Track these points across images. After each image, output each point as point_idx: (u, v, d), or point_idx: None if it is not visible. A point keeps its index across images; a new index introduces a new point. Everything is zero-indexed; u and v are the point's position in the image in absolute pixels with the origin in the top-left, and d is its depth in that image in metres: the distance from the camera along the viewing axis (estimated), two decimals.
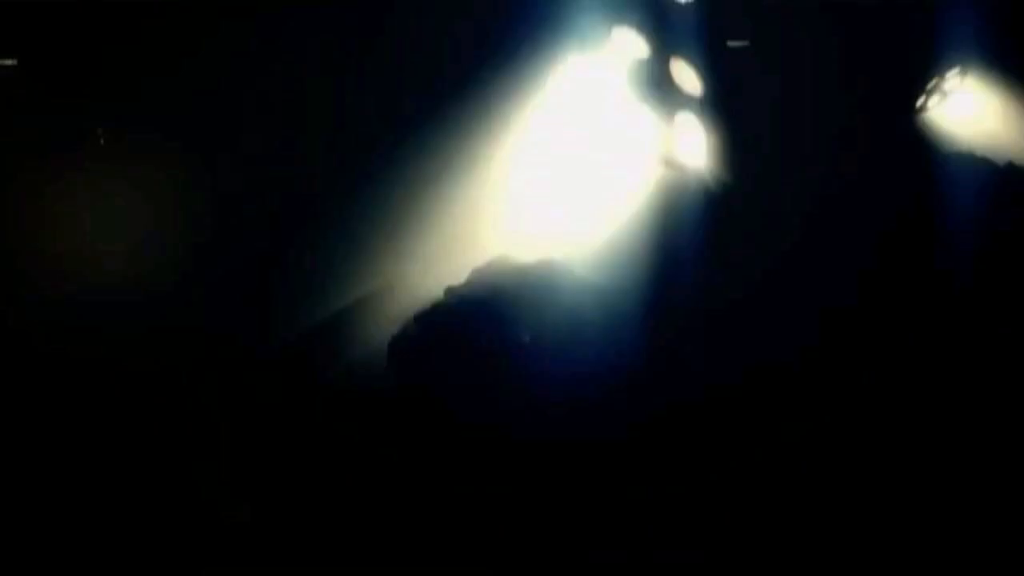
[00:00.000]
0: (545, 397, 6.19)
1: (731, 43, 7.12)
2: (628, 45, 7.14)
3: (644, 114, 7.28)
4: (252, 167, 6.75)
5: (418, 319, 6.74)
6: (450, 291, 6.81)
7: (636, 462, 6.10)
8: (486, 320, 6.56)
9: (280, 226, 6.80)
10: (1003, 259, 7.65)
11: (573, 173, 7.46)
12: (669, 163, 7.42)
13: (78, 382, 6.00)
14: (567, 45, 7.05)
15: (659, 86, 7.10)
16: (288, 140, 6.73)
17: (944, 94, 8.22)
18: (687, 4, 7.06)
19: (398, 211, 6.87)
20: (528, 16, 6.91)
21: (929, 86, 8.13)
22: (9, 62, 6.42)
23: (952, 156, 8.13)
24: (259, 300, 6.67)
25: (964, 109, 8.18)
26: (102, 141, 6.71)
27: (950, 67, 8.15)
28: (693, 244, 7.11)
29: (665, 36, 6.97)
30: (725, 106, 6.90)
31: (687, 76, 6.95)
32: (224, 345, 6.42)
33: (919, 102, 8.14)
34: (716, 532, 5.84)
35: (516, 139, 7.21)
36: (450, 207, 7.02)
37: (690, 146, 7.15)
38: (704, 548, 5.71)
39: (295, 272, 6.74)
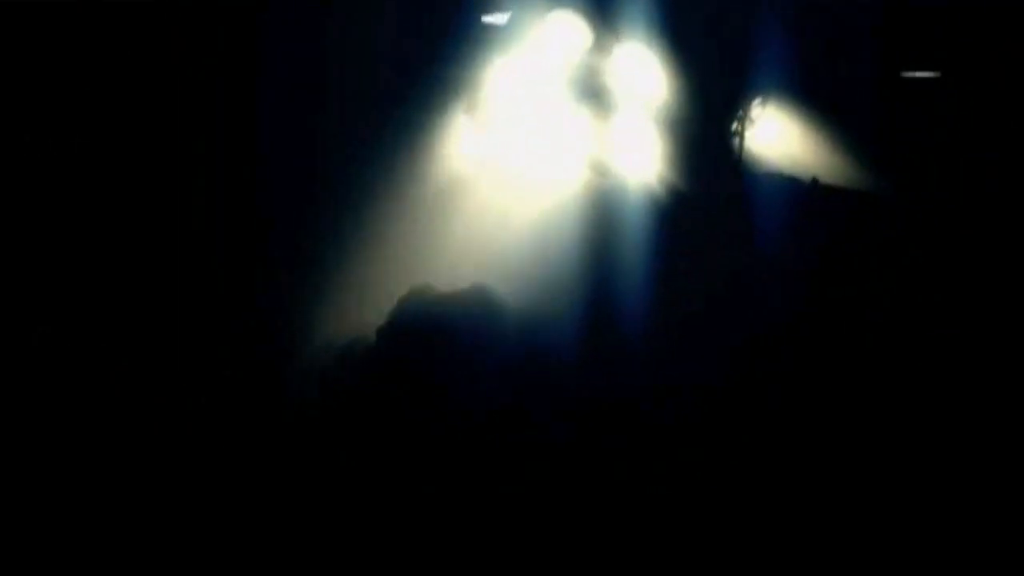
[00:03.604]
0: (490, 420, 6.15)
1: None
2: (566, 33, 7.21)
3: (580, 116, 7.42)
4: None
5: (363, 371, 6.43)
6: (381, 332, 6.59)
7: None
8: (426, 356, 6.40)
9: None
10: (815, 268, 8.69)
11: (505, 186, 7.44)
12: (604, 171, 7.56)
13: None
14: (499, 37, 7.04)
15: (598, 82, 7.22)
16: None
17: (752, 121, 9.24)
18: None
19: (328, 237, 6.58)
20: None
21: (739, 114, 9.12)
22: None
23: (762, 175, 9.16)
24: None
25: (769, 134, 9.23)
26: None
27: (754, 98, 9.21)
28: (631, 259, 7.30)
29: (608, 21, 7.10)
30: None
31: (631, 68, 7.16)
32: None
33: (732, 128, 9.09)
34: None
35: (444, 151, 7.10)
36: (378, 229, 6.77)
37: (629, 151, 7.36)
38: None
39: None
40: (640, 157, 8.00)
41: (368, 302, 6.80)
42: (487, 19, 7.80)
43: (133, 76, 6.21)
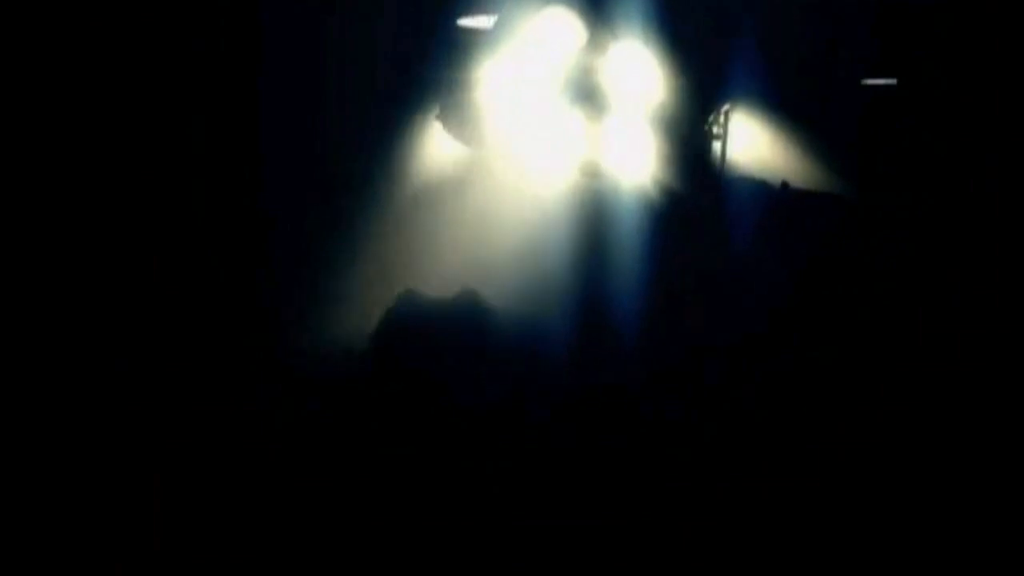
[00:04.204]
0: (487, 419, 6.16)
1: None
2: (559, 31, 7.17)
3: (572, 116, 7.43)
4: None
5: (361, 372, 6.41)
6: (377, 333, 6.57)
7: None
8: (422, 357, 6.38)
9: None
10: (788, 269, 8.92)
11: (499, 187, 7.42)
12: (594, 172, 7.57)
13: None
14: (490, 37, 6.97)
15: (591, 82, 7.21)
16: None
17: (722, 126, 9.45)
18: None
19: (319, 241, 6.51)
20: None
21: (710, 119, 9.32)
22: None
23: (735, 179, 9.38)
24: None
25: (740, 140, 9.45)
26: None
27: (724, 104, 9.42)
28: (621, 260, 7.35)
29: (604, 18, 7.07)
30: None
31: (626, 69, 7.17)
32: None
33: (704, 131, 9.29)
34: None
35: (437, 153, 7.04)
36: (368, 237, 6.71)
37: (620, 152, 7.39)
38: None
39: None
40: (631, 158, 8.11)
41: (366, 303, 6.76)
42: (469, 23, 7.82)
43: (131, 75, 6.07)
